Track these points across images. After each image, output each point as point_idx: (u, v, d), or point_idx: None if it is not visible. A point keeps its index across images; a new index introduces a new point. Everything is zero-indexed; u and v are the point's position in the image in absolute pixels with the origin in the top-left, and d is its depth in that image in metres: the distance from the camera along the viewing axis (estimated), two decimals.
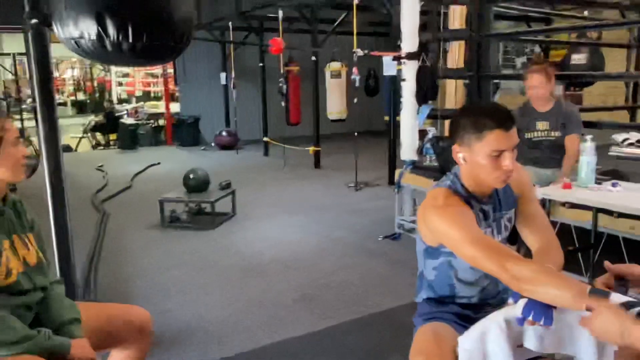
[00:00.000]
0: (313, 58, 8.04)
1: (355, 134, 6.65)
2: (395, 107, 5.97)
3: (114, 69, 16.61)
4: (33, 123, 9.92)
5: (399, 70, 4.91)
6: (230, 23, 9.21)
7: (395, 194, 4.81)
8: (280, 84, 8.38)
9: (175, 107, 12.05)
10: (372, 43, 10.48)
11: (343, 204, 6.02)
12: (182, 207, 5.35)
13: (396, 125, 5.87)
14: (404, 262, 4.06)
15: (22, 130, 9.90)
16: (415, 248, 1.77)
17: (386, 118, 7.22)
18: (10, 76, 16.48)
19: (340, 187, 6.87)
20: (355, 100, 6.48)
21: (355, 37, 6.22)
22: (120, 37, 2.02)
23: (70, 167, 8.62)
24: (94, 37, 2.03)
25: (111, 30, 2.01)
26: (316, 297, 3.45)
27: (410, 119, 4.59)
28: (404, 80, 4.57)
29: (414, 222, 4.67)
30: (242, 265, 4.08)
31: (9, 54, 14.89)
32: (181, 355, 2.74)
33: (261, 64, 9.59)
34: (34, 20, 2.23)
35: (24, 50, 11.55)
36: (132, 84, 16.77)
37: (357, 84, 6.29)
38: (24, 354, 1.55)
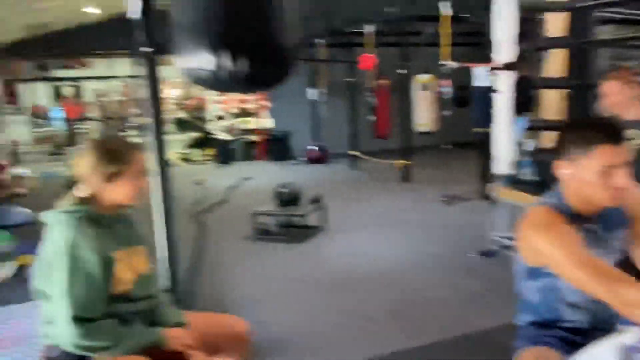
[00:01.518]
0: (402, 71, 8.00)
1: (450, 146, 6.50)
2: (487, 119, 5.79)
3: None
4: (137, 140, 10.69)
5: (493, 81, 4.76)
6: (321, 41, 9.41)
7: (489, 208, 4.64)
8: (369, 98, 8.41)
9: (267, 123, 12.47)
10: (462, 53, 10.22)
11: (433, 218, 5.90)
12: (273, 220, 5.52)
13: (489, 138, 5.68)
14: (499, 280, 3.89)
15: None
16: (512, 266, 1.70)
17: (477, 130, 7.01)
18: (118, 97, 17.96)
19: (430, 201, 6.74)
20: (446, 112, 6.35)
21: (444, 48, 6.13)
22: (235, 67, 2.14)
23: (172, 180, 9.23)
24: (211, 67, 2.17)
25: (225, 61, 2.14)
26: (407, 313, 3.41)
27: (505, 131, 4.42)
28: (498, 91, 4.42)
29: (509, 238, 4.47)
30: (332, 279, 4.12)
31: (119, 77, 16.23)
32: None
33: (350, 79, 9.68)
34: (146, 48, 2.42)
35: (130, 74, 12.57)
36: (227, 102, 17.57)
37: (447, 96, 6.17)
38: (126, 355, 1.67)
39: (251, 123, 13.53)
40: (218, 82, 2.26)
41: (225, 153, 11.57)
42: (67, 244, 1.64)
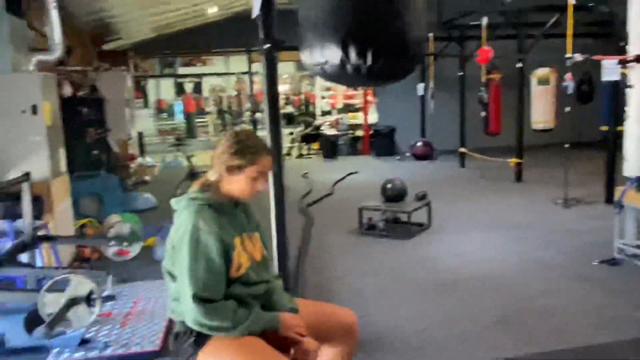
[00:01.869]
0: (518, 65, 7.58)
1: (566, 145, 6.06)
2: (616, 116, 5.33)
3: (318, 83, 17.86)
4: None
5: (624, 75, 4.36)
6: (430, 34, 9.21)
7: (616, 214, 4.26)
8: (481, 93, 8.08)
9: (372, 119, 12.48)
10: (588, 45, 9.48)
11: (549, 222, 5.54)
12: (379, 216, 5.51)
13: (617, 137, 5.23)
14: (624, 291, 3.58)
15: None
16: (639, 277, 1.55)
17: (603, 128, 6.46)
18: (234, 93, 18.96)
19: (546, 203, 6.34)
20: (568, 108, 5.92)
21: (569, 39, 5.71)
22: (360, 61, 2.17)
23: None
24: (337, 62, 2.22)
25: (352, 55, 2.18)
26: (517, 321, 3.24)
27: (638, 130, 4.04)
28: (630, 86, 4.04)
29: (638, 247, 4.09)
30: (437, 279, 4.03)
31: (234, 74, 17.12)
32: None
33: (461, 73, 9.37)
34: (267, 45, 2.52)
35: (245, 70, 13.19)
36: (334, 97, 17.83)
37: (569, 91, 5.76)
38: (243, 336, 1.77)
39: (357, 118, 13.62)
40: (344, 76, 2.30)
41: (331, 147, 11.76)
42: (190, 228, 1.77)
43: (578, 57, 5.40)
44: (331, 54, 2.27)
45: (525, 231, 5.21)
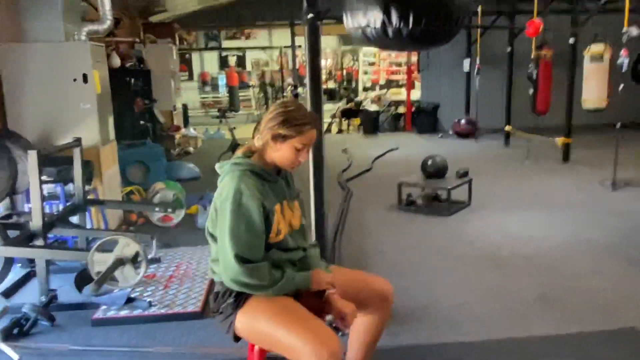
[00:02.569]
0: (571, 40, 7.26)
1: (617, 125, 5.81)
2: None
3: (362, 57, 17.66)
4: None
5: None
6: (479, 7, 8.93)
7: None
8: (530, 70, 7.81)
9: (416, 95, 12.28)
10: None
11: (596, 203, 5.37)
12: (418, 192, 5.47)
13: None
14: None
15: None
16: None
17: None
18: (276, 67, 18.98)
19: (593, 184, 6.14)
20: (622, 86, 5.65)
21: (627, 13, 5.43)
22: (402, 24, 2.16)
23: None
24: (378, 25, 2.20)
25: (394, 18, 2.16)
26: (560, 299, 3.18)
27: None
28: None
29: None
30: (477, 255, 3.99)
31: (277, 47, 17.11)
32: (413, 331, 2.83)
33: (509, 49, 9.07)
34: (310, 15, 2.51)
35: (288, 44, 13.17)
36: (377, 73, 17.62)
37: (624, 69, 5.49)
38: (279, 297, 1.82)
39: (400, 94, 13.44)
40: (386, 40, 2.28)
41: (372, 123, 11.66)
42: (232, 192, 1.80)
43: (634, 30, 5.13)
44: (373, 17, 2.24)
45: (571, 211, 5.07)
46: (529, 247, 4.12)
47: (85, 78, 4.37)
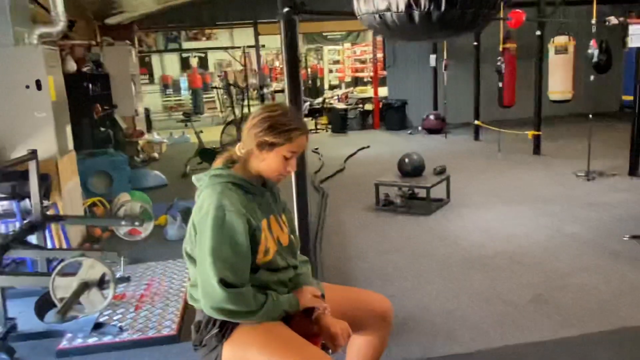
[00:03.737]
0: (537, 32, 7.27)
1: (590, 116, 5.82)
2: None
3: (326, 56, 17.47)
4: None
5: None
6: None
7: None
8: (499, 63, 7.80)
9: (383, 92, 12.20)
10: (605, 13, 9.14)
11: (572, 195, 5.35)
12: (395, 191, 5.33)
13: None
14: None
15: (246, 116, 11.07)
16: None
17: (627, 98, 6.20)
18: (239, 67, 18.60)
19: (567, 175, 6.14)
20: (592, 77, 5.65)
21: (595, 5, 5.43)
22: (432, 6, 1.84)
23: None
24: (402, 8, 1.89)
25: (420, 0, 1.84)
26: (553, 299, 3.08)
27: None
28: None
29: None
30: (462, 256, 3.87)
31: (239, 47, 16.78)
32: (406, 345, 2.66)
33: (475, 43, 9.06)
34: (286, 9, 2.31)
35: (251, 43, 12.90)
36: (342, 70, 17.50)
37: (595, 59, 5.50)
38: (267, 323, 1.63)
39: (366, 92, 13.34)
40: (410, 27, 1.97)
41: (340, 122, 11.52)
42: (213, 208, 1.59)
43: (613, 19, 5.13)
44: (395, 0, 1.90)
45: (549, 205, 5.02)
46: (513, 245, 4.03)
47: (38, 85, 4.04)
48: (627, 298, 3.06)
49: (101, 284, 2.67)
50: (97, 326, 2.88)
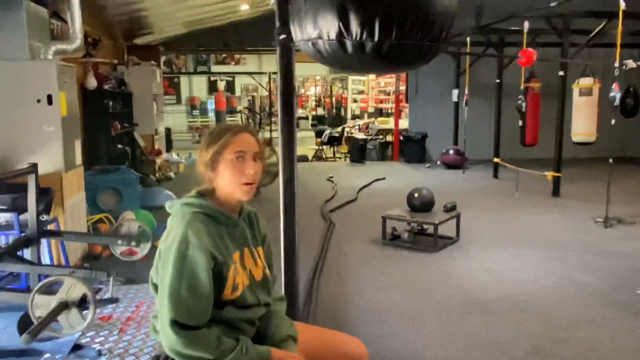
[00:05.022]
0: (561, 73, 7.15)
1: (610, 160, 5.63)
2: None
3: (351, 85, 17.57)
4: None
5: None
6: (468, 38, 8.86)
7: None
8: (520, 102, 7.68)
9: (404, 124, 12.14)
10: (633, 56, 8.97)
11: (588, 242, 5.13)
12: (403, 225, 5.21)
13: None
14: None
15: (270, 140, 11.10)
16: None
17: None
18: (265, 92, 18.83)
19: (585, 221, 5.92)
20: (613, 121, 5.49)
21: (619, 47, 5.30)
22: (364, 35, 1.63)
23: (305, 175, 9.31)
24: (333, 36, 1.68)
25: (354, 26, 1.62)
26: (554, 353, 2.90)
27: None
28: None
29: None
30: (463, 298, 3.71)
31: (265, 73, 17.02)
32: None
33: (498, 80, 8.98)
34: (282, 36, 2.28)
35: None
36: (365, 101, 17.53)
37: (616, 102, 5.34)
38: None
39: (388, 123, 13.30)
40: (343, 57, 1.76)
41: (359, 152, 11.47)
42: (178, 239, 1.52)
43: (631, 63, 4.99)
44: (326, 25, 1.69)
45: (562, 250, 4.82)
46: (517, 290, 3.85)
47: (49, 99, 4.10)
48: (633, 357, 2.87)
49: (82, 304, 2.62)
50: (76, 347, 2.81)
